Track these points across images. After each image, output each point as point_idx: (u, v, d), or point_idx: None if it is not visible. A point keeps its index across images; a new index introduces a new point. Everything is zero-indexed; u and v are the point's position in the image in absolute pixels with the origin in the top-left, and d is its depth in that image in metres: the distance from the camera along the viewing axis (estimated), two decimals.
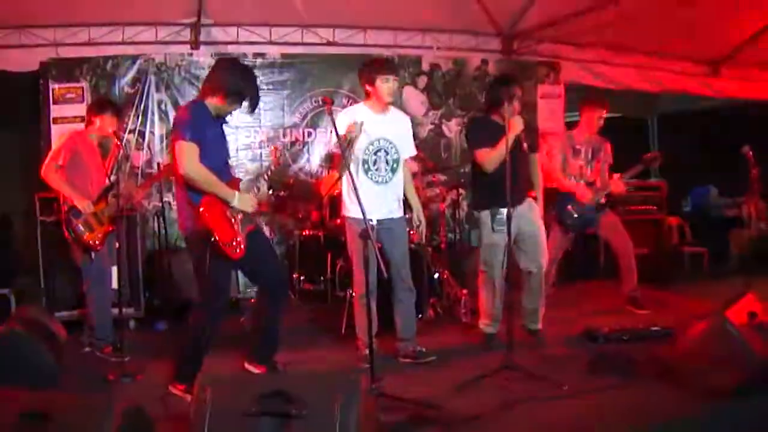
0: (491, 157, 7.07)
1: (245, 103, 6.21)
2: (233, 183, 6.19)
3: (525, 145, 7.04)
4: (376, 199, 6.78)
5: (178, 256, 9.47)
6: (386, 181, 7.01)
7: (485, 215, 7.35)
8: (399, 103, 7.09)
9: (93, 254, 7.40)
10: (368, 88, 6.97)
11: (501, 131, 6.83)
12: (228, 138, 6.51)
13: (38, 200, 8.80)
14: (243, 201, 6.05)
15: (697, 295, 9.82)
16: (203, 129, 5.89)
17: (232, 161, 10.30)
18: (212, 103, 6.09)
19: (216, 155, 6.06)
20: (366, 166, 6.94)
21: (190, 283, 8.30)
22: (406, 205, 7.58)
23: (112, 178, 7.72)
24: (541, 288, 7.62)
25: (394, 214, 7.08)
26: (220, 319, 6.26)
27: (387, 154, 7.00)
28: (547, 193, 8.03)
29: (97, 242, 7.33)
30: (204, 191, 5.88)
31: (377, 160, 6.95)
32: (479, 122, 7.81)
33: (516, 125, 6.98)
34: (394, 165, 7.05)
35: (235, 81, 6.07)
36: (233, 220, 6.01)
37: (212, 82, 6.13)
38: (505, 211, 6.88)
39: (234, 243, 5.96)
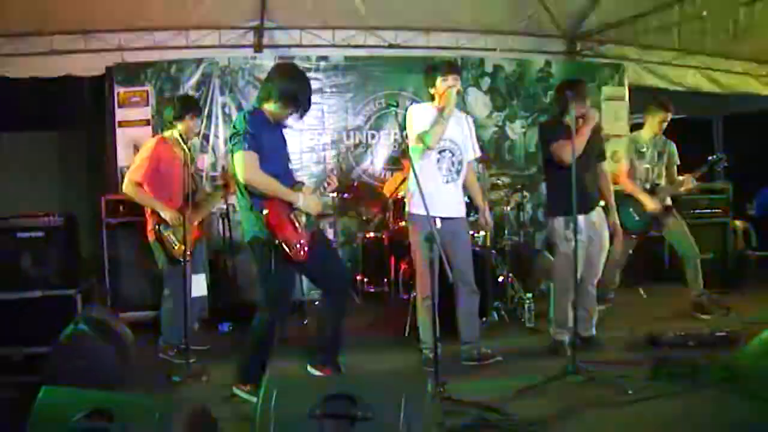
0: (569, 150, 7.00)
1: (295, 110, 6.24)
2: (296, 187, 6.24)
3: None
4: (439, 197, 6.77)
5: (242, 258, 9.51)
6: (448, 182, 7.01)
7: (558, 222, 7.33)
8: (462, 105, 7.08)
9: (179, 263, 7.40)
10: (432, 90, 7.02)
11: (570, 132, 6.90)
12: (292, 141, 6.53)
13: (104, 202, 8.91)
14: (308, 203, 6.09)
15: (763, 300, 9.69)
16: (260, 136, 5.92)
17: (296, 164, 10.42)
18: (268, 109, 6.15)
19: (276, 160, 6.09)
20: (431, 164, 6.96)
21: (253, 285, 8.37)
22: (471, 207, 7.61)
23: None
24: (593, 294, 7.60)
25: (457, 214, 7.08)
26: (284, 320, 6.30)
27: (453, 155, 7.01)
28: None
29: (189, 251, 7.22)
30: (267, 196, 5.94)
31: (440, 160, 6.96)
32: (551, 122, 7.73)
33: (593, 116, 7.09)
34: (459, 167, 7.06)
35: (287, 86, 6.10)
36: (297, 222, 6.04)
37: (267, 89, 6.19)
38: (579, 218, 6.91)
39: (298, 245, 5.98)
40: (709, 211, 10.96)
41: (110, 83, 10.56)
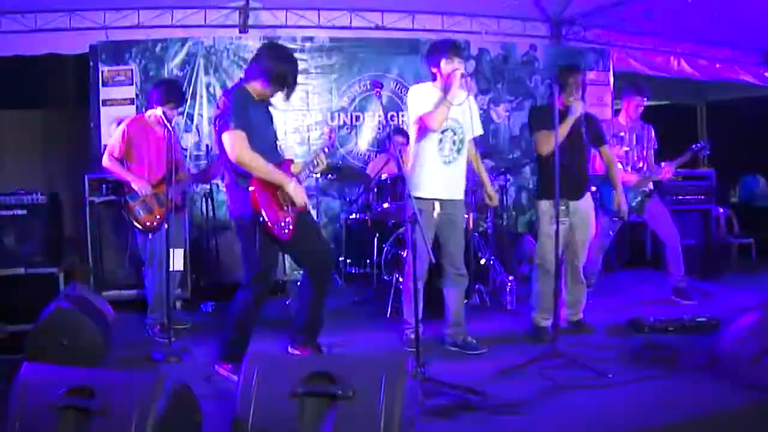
0: (546, 140, 6.96)
1: (281, 90, 6.23)
2: (286, 164, 6.27)
3: (584, 136, 7.18)
4: (441, 178, 6.77)
5: (225, 238, 9.53)
6: (450, 161, 6.89)
7: (546, 205, 7.27)
8: (464, 85, 7.04)
9: (150, 235, 7.51)
10: (434, 69, 6.89)
11: (560, 116, 6.87)
12: (276, 122, 6.51)
13: (88, 180, 8.90)
14: (296, 191, 6.09)
15: (744, 286, 9.76)
16: (246, 114, 5.93)
17: (281, 144, 10.38)
18: (254, 87, 6.13)
19: (262, 138, 6.09)
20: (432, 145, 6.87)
21: (236, 264, 8.38)
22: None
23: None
24: (582, 279, 7.61)
25: (456, 196, 7.00)
26: (264, 299, 6.32)
27: (454, 134, 6.89)
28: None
29: (155, 223, 7.43)
30: (253, 173, 5.96)
31: (443, 140, 6.84)
32: (541, 108, 7.59)
33: (577, 108, 7.02)
34: (460, 146, 6.94)
35: (278, 67, 6.09)
36: (283, 201, 6.06)
37: (256, 67, 6.17)
38: (570, 203, 6.96)
39: (282, 224, 6.01)
40: (691, 197, 10.98)
41: (94, 62, 10.52)
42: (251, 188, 5.88)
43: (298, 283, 7.53)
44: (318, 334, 6.59)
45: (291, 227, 6.07)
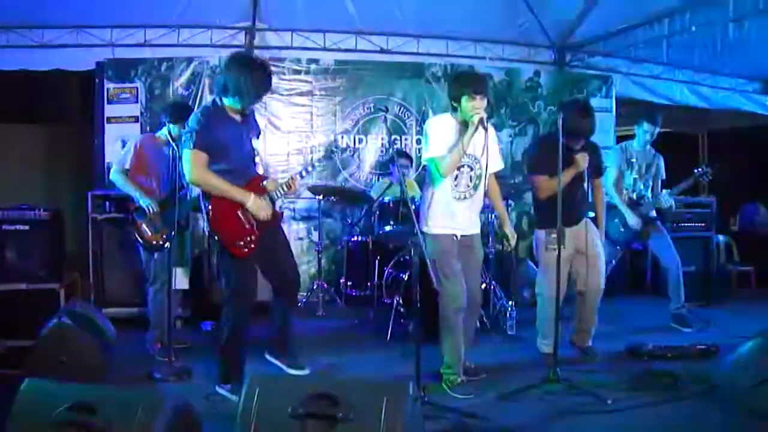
0: (545, 187, 7.03)
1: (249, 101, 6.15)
2: (252, 182, 6.26)
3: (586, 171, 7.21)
4: (456, 214, 6.58)
5: None
6: (466, 198, 6.63)
7: (541, 234, 7.25)
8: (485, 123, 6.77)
9: (156, 254, 7.55)
10: (454, 103, 6.49)
11: (566, 154, 6.84)
12: (280, 143, 6.47)
13: (91, 197, 8.93)
14: (256, 205, 6.11)
15: (743, 313, 9.77)
16: (213, 132, 5.93)
17: (282, 165, 10.38)
18: (226, 101, 6.11)
19: (234, 155, 6.10)
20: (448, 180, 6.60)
21: None
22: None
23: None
24: (594, 308, 7.59)
25: (473, 230, 6.77)
26: (246, 317, 6.33)
27: (471, 170, 6.59)
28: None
29: (161, 242, 7.47)
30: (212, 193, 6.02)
31: (459, 176, 6.54)
32: (542, 146, 7.32)
33: (580, 164, 7.03)
34: (477, 182, 6.65)
35: (238, 77, 5.95)
36: (245, 218, 6.11)
37: (220, 81, 6.13)
38: (566, 230, 6.90)
39: (241, 243, 6.07)
40: (692, 224, 10.97)
41: (100, 79, 10.58)
42: (209, 207, 6.01)
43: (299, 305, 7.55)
44: (290, 351, 6.73)
45: (253, 246, 6.11)
